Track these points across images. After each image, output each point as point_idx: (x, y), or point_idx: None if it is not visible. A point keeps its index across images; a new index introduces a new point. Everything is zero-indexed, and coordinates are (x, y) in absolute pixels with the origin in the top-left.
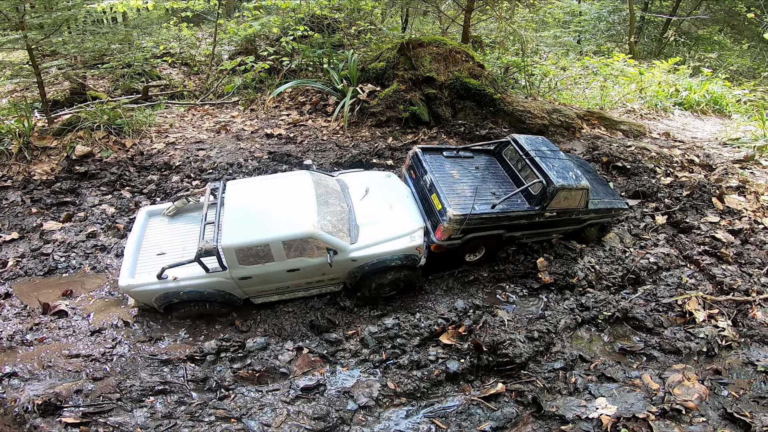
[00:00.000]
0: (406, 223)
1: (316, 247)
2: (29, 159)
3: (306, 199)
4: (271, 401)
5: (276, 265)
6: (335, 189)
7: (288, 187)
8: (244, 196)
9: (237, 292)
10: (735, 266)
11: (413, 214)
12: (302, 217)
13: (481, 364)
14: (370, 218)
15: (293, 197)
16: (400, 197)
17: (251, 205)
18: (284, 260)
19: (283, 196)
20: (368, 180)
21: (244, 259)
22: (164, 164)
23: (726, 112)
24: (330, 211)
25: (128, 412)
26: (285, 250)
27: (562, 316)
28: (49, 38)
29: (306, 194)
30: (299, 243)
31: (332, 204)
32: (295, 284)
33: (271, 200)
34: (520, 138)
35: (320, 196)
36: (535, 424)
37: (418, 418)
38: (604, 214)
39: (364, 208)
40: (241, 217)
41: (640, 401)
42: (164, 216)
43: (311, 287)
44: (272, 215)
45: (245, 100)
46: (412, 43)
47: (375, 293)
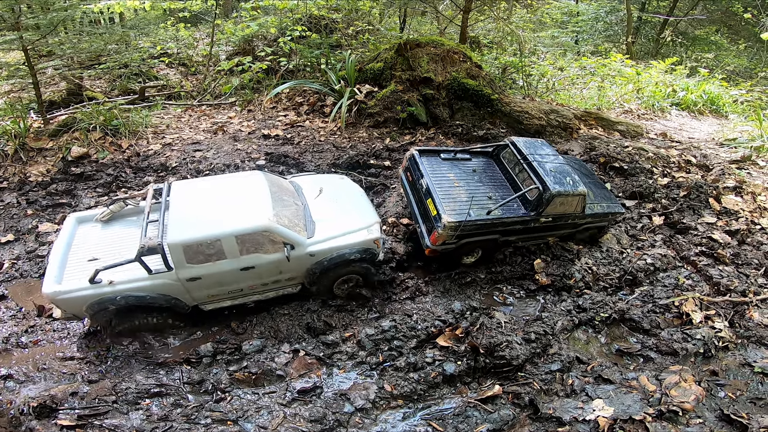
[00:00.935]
0: (362, 218)
1: (272, 242)
2: (25, 160)
3: (260, 196)
4: (268, 404)
5: (229, 263)
6: (289, 188)
7: (241, 185)
8: (193, 194)
9: (185, 297)
10: (732, 267)
11: (368, 210)
12: (257, 211)
13: (478, 366)
14: (325, 215)
15: (246, 194)
16: (353, 196)
17: (200, 202)
18: (238, 257)
19: (236, 194)
20: (321, 181)
21: (193, 257)
22: (161, 165)
23: (723, 113)
24: (285, 207)
25: (124, 415)
26: (239, 246)
27: (559, 318)
28: (46, 39)
29: (260, 191)
30: (254, 238)
31: (287, 201)
32: (249, 286)
33: (222, 198)
34: (519, 141)
35: (274, 193)
36: (531, 426)
37: (414, 421)
38: (600, 218)
39: (319, 205)
40: (190, 214)
41: (636, 403)
42: (97, 221)
43: (267, 289)
44: (224, 211)
45: (242, 101)
46: (410, 44)
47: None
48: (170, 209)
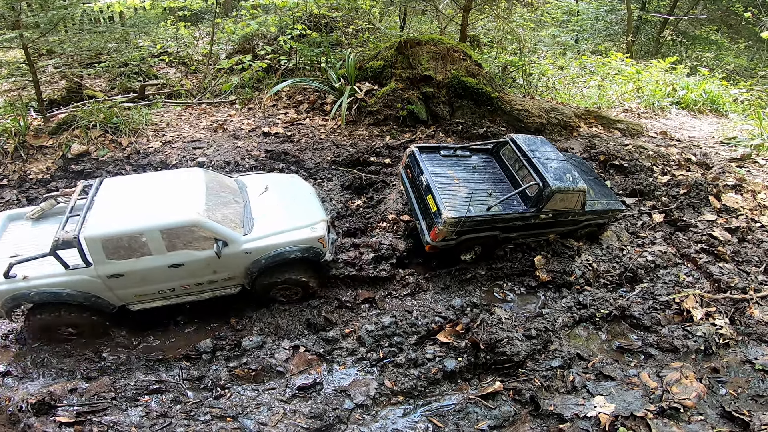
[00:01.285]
0: (306, 216)
1: (203, 238)
2: (25, 158)
3: (193, 191)
4: (268, 400)
5: (154, 259)
6: (230, 186)
7: (175, 181)
8: (123, 190)
9: (107, 295)
10: (732, 264)
11: (315, 209)
12: (186, 205)
13: (479, 362)
14: (267, 212)
15: (180, 190)
16: (302, 194)
17: (129, 197)
18: (164, 253)
19: (168, 189)
20: (270, 179)
21: (114, 253)
22: (161, 163)
23: (723, 112)
24: (221, 203)
25: (123, 411)
26: (164, 241)
27: (559, 314)
28: (45, 37)
29: (194, 187)
30: (182, 232)
31: (224, 197)
32: (182, 286)
33: (153, 193)
34: (519, 138)
35: (211, 189)
36: (532, 423)
37: (415, 417)
38: (601, 216)
39: (261, 203)
40: (114, 208)
41: (638, 400)
42: (27, 219)
43: (203, 290)
44: (151, 205)
45: (242, 99)
46: (410, 42)
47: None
48: (96, 204)
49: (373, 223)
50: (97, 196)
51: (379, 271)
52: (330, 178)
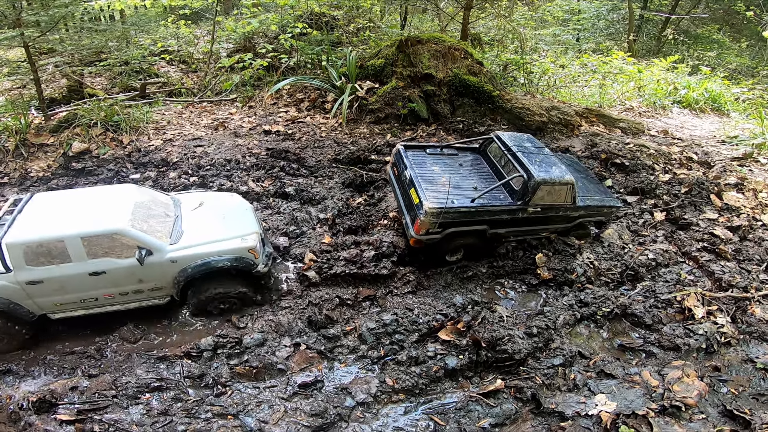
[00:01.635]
0: (238, 227)
1: (126, 246)
2: (26, 156)
3: (121, 204)
4: (269, 398)
5: (74, 266)
6: (162, 201)
7: (105, 195)
8: (53, 203)
9: (26, 302)
10: (734, 263)
11: (248, 222)
12: (111, 215)
13: (480, 360)
14: (198, 224)
15: (107, 202)
16: (237, 210)
17: (57, 209)
18: (85, 260)
19: (97, 202)
20: (206, 196)
21: (33, 259)
22: (161, 161)
23: (724, 111)
24: (149, 215)
25: (124, 409)
26: (85, 248)
27: (561, 312)
28: (46, 35)
29: (123, 200)
30: (104, 240)
31: (154, 210)
32: (105, 295)
33: (81, 205)
34: (504, 135)
35: (140, 203)
36: (534, 421)
37: (416, 415)
38: (595, 212)
39: (194, 217)
40: (39, 218)
41: (639, 398)
42: None
43: (128, 300)
44: (76, 215)
45: (243, 97)
46: (411, 41)
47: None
48: (22, 214)
49: (374, 220)
50: (26, 207)
51: (380, 269)
52: (331, 176)
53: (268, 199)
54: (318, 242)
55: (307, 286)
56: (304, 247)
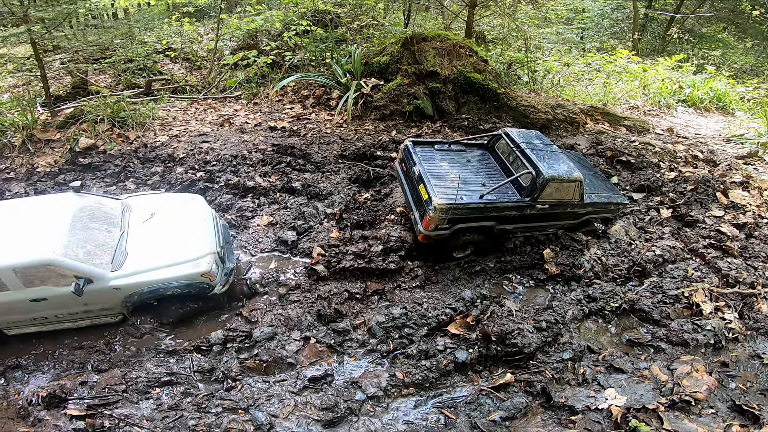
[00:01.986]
0: (191, 249)
1: (62, 276)
2: (32, 151)
3: (55, 224)
4: (279, 392)
5: (13, 294)
6: (106, 213)
7: (41, 210)
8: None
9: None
10: (740, 259)
11: (205, 239)
12: (41, 242)
13: (490, 354)
14: (145, 244)
15: (42, 221)
16: (193, 221)
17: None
18: (22, 289)
19: (31, 219)
20: (163, 202)
21: None
22: (168, 156)
23: (729, 110)
24: (86, 237)
25: (134, 404)
26: (20, 278)
27: (569, 307)
28: (52, 32)
29: (58, 218)
30: (37, 271)
31: (93, 229)
32: (55, 315)
33: (13, 224)
34: (512, 131)
35: (78, 220)
36: (544, 415)
37: (426, 408)
38: (602, 209)
39: (142, 232)
40: None
41: (649, 392)
42: None
43: (79, 318)
44: (7, 239)
45: (248, 94)
46: (416, 38)
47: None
48: None
49: (381, 215)
50: None
51: (388, 263)
52: (337, 172)
53: (275, 194)
54: (326, 237)
55: (316, 280)
56: (312, 241)
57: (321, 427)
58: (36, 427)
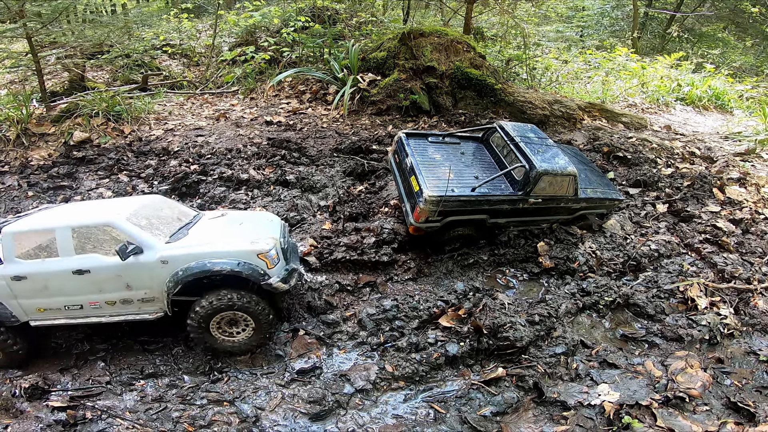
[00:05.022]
0: (254, 234)
1: (115, 241)
2: (27, 145)
3: (128, 204)
4: (266, 384)
5: (59, 262)
6: (181, 210)
7: (124, 200)
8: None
9: (11, 303)
10: (736, 255)
11: (269, 231)
12: (108, 211)
13: (481, 347)
14: (209, 230)
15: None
16: (261, 221)
17: (67, 210)
18: (71, 256)
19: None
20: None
21: (24, 251)
22: (162, 150)
23: (728, 108)
24: (155, 214)
25: (117, 396)
26: (74, 240)
27: (563, 301)
28: (48, 27)
29: (134, 202)
30: (94, 233)
31: (165, 213)
32: (91, 303)
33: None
34: (507, 125)
35: (151, 206)
36: (536, 410)
37: (416, 402)
38: (597, 204)
39: (209, 224)
40: (43, 216)
41: (642, 388)
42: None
43: (115, 311)
44: (77, 213)
45: (245, 89)
46: (414, 33)
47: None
48: (33, 213)
49: (374, 208)
50: (44, 209)
51: (381, 256)
52: (332, 165)
53: (268, 186)
54: (318, 228)
55: (307, 271)
56: (304, 233)
57: (308, 420)
58: (18, 419)
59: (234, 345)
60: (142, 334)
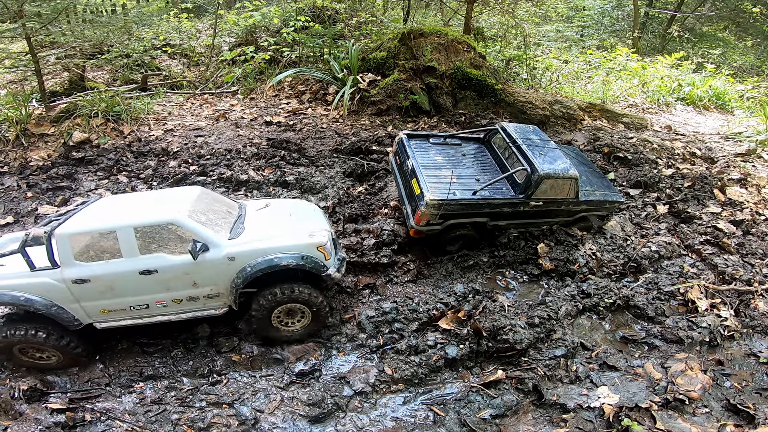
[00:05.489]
0: (306, 225)
1: (180, 240)
2: (26, 145)
3: (180, 199)
4: (265, 386)
5: (125, 263)
6: (226, 201)
7: (168, 194)
8: (116, 202)
9: (72, 307)
10: (737, 256)
11: (318, 221)
12: (167, 207)
13: (481, 350)
14: (262, 222)
15: (167, 199)
16: (305, 211)
17: (116, 206)
18: (136, 256)
19: (158, 200)
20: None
21: (83, 253)
22: (162, 150)
23: (728, 108)
24: (209, 209)
25: (116, 398)
26: (138, 240)
27: (563, 303)
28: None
29: (183, 196)
30: (157, 232)
31: (216, 207)
32: (157, 302)
33: (142, 202)
34: (509, 126)
35: (201, 199)
36: (535, 413)
37: (415, 405)
38: (597, 206)
39: (258, 216)
40: (95, 214)
41: (642, 391)
42: None
43: (182, 309)
44: (132, 209)
45: (245, 89)
46: (414, 33)
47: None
48: (82, 210)
49: (374, 209)
50: (88, 207)
51: (381, 257)
52: (332, 166)
53: (268, 187)
54: None
55: None
56: None
57: (307, 422)
58: (17, 421)
59: (291, 334)
60: (141, 337)
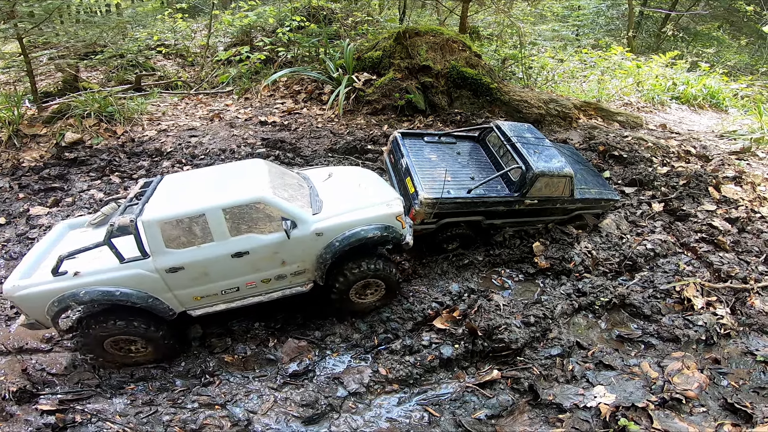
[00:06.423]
0: (379, 193)
1: (269, 218)
2: (18, 146)
3: (256, 175)
4: (258, 387)
5: (217, 246)
6: (292, 174)
7: (236, 169)
8: (184, 180)
9: (166, 296)
10: (732, 254)
11: (386, 188)
12: (250, 184)
13: (476, 349)
14: (335, 193)
15: (241, 175)
16: (369, 178)
17: (190, 185)
18: (227, 239)
19: (230, 176)
20: (332, 169)
21: (173, 239)
22: (155, 150)
23: (723, 107)
24: (285, 185)
25: (107, 399)
26: (228, 222)
27: (558, 302)
28: (40, 27)
29: (256, 172)
30: (246, 212)
31: (288, 181)
32: (247, 284)
33: (214, 180)
34: (504, 124)
35: (273, 173)
36: (531, 413)
37: (410, 406)
38: (592, 204)
39: (328, 187)
40: (173, 195)
41: (639, 390)
42: (88, 226)
43: (271, 288)
44: (212, 189)
45: (240, 89)
46: (409, 32)
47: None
48: (156, 193)
49: None
50: (158, 188)
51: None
52: (327, 165)
53: None
54: None
55: None
56: None
57: (301, 423)
58: (7, 423)
59: (365, 305)
60: None
